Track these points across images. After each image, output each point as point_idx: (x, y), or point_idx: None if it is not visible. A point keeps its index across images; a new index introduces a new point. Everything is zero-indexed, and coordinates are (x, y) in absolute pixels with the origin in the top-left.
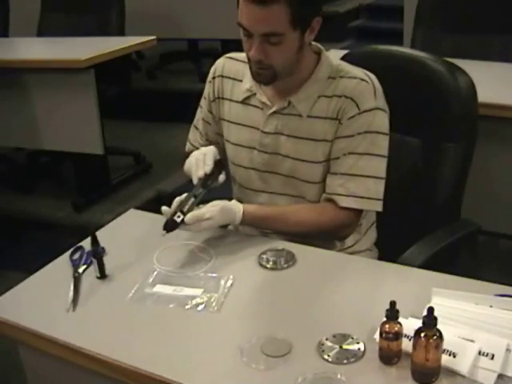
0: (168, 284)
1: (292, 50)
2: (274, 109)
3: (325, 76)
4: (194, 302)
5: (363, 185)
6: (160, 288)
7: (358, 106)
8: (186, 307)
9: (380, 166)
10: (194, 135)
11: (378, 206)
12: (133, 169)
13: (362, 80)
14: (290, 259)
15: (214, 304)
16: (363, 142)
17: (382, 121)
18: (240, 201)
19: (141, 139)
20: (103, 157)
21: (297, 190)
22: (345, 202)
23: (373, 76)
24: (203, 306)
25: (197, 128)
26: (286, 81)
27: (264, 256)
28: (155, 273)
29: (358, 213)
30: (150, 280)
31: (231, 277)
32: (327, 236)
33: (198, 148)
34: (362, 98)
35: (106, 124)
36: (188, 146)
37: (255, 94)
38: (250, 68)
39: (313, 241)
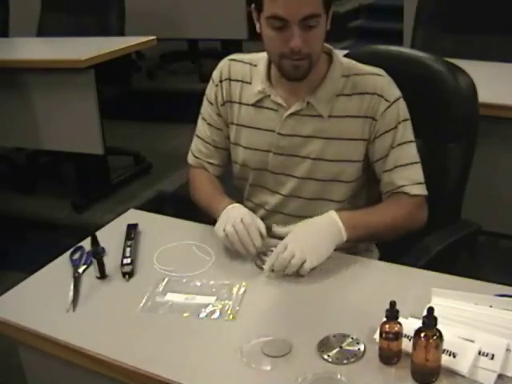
0: (179, 292)
1: (323, 33)
2: (291, 110)
3: (339, 75)
4: (208, 310)
5: (416, 171)
6: (172, 296)
7: (386, 99)
8: (200, 316)
9: (416, 151)
10: (196, 146)
11: (426, 190)
12: (133, 169)
13: (379, 75)
14: None
15: (228, 312)
16: (403, 130)
17: (406, 107)
18: (251, 201)
19: (141, 139)
20: (103, 157)
21: (314, 191)
22: (414, 190)
23: (382, 70)
24: (218, 313)
25: (200, 137)
26: (305, 80)
27: (262, 257)
28: (165, 280)
29: (425, 199)
30: (161, 288)
31: (244, 283)
32: (405, 232)
33: (199, 158)
34: (385, 91)
35: (105, 124)
36: (192, 159)
37: (269, 96)
38: (281, 66)
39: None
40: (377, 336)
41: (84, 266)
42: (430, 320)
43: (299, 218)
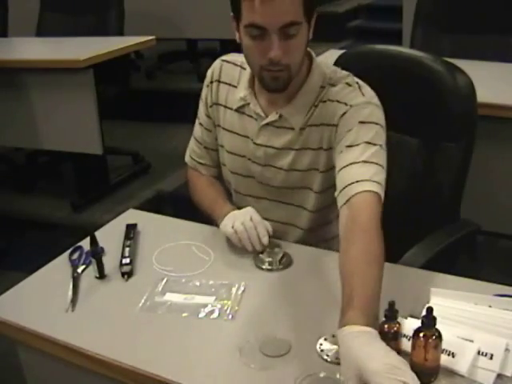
0: (178, 292)
1: (304, 43)
2: (266, 121)
3: (317, 85)
4: (207, 309)
5: (372, 171)
6: (171, 296)
7: (346, 103)
8: (199, 316)
9: (382, 156)
10: (191, 146)
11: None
12: (132, 169)
13: (347, 83)
14: (287, 260)
15: (228, 311)
16: (362, 132)
17: (377, 113)
18: (239, 207)
19: (139, 139)
20: (102, 157)
21: (294, 199)
22: (365, 186)
23: (361, 82)
24: (217, 313)
25: (194, 137)
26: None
27: (260, 257)
28: (164, 280)
29: (379, 201)
30: (160, 288)
31: (242, 283)
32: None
33: (193, 159)
34: (348, 97)
35: (104, 124)
36: (188, 159)
37: (249, 104)
38: (261, 77)
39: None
40: None
41: (83, 266)
42: (429, 320)
43: (281, 223)
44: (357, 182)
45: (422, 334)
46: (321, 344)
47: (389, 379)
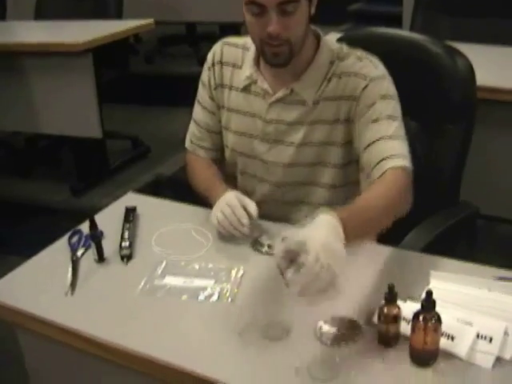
0: (177, 275)
1: (305, 19)
2: (276, 97)
3: (326, 61)
4: (207, 293)
5: (399, 144)
6: (170, 280)
7: (364, 77)
8: (198, 299)
9: (403, 128)
10: (192, 129)
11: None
12: (131, 153)
13: (358, 58)
14: None
15: (227, 294)
16: (384, 106)
17: (392, 86)
18: (245, 190)
19: (139, 123)
20: (101, 141)
21: (305, 177)
22: (398, 161)
23: (370, 55)
24: (217, 296)
25: (195, 121)
26: (289, 66)
27: (259, 240)
28: (164, 264)
29: (410, 175)
30: (159, 271)
31: (242, 267)
32: (398, 215)
33: (193, 143)
34: (365, 70)
35: (104, 108)
36: (188, 143)
37: (256, 82)
38: (263, 52)
39: None
40: (375, 319)
41: (82, 250)
42: (428, 303)
43: (291, 204)
44: (389, 156)
45: (421, 317)
46: (320, 327)
47: (315, 259)
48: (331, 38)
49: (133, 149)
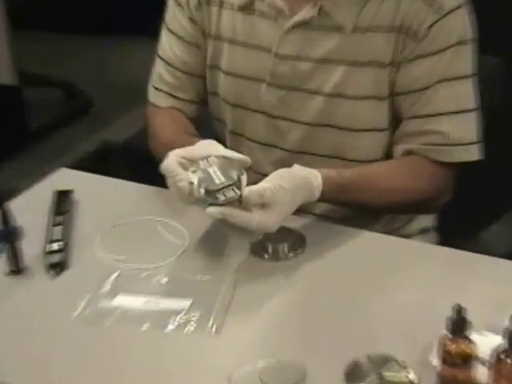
0: (135, 293)
1: None
2: (296, 19)
3: None
4: (179, 319)
5: (463, 125)
6: (123, 300)
7: (433, 7)
8: (166, 330)
9: (474, 92)
10: (159, 73)
11: (479, 153)
12: (63, 108)
13: None
14: (299, 245)
15: (210, 322)
16: (454, 59)
17: (468, 22)
18: None
19: (73, 63)
20: (17, 89)
21: (331, 144)
22: (444, 155)
23: None
24: (194, 326)
25: (164, 60)
26: None
27: (260, 239)
28: (114, 276)
29: (464, 168)
30: (108, 288)
31: (233, 279)
32: (421, 206)
33: (163, 91)
34: None
35: (18, 39)
36: (153, 93)
37: None
38: None
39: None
40: (434, 358)
41: None
42: None
43: None
44: (434, 145)
45: (505, 357)
46: (350, 370)
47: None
48: None
49: (66, 102)
